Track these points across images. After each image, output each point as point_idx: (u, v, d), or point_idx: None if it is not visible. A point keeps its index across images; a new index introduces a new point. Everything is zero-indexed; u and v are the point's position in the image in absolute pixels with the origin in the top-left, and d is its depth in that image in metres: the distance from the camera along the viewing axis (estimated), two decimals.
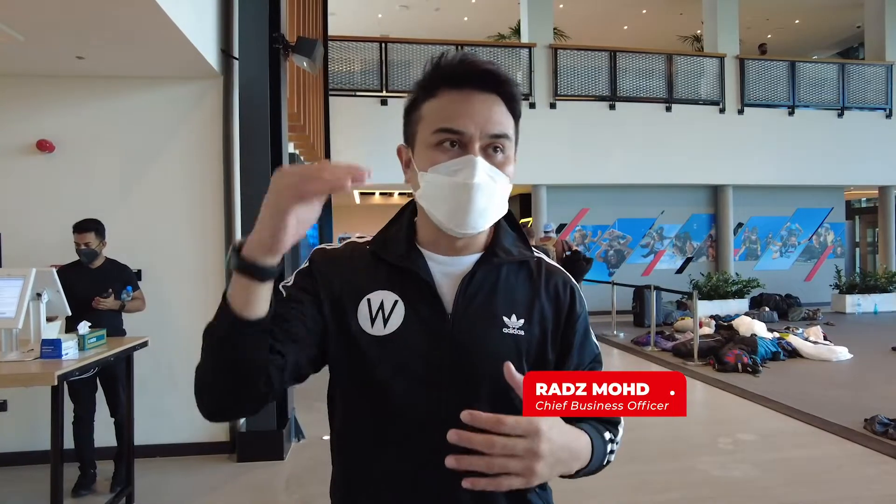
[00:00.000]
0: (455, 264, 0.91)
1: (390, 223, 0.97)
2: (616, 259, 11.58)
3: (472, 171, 0.82)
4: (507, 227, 0.96)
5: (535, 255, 0.97)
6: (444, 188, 0.83)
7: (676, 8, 12.91)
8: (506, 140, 0.86)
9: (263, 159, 3.93)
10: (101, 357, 2.87)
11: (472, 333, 0.87)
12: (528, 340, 0.89)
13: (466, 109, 0.84)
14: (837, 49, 16.05)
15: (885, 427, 4.01)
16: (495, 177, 0.84)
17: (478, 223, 0.85)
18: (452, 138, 0.84)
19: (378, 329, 0.87)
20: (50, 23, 3.08)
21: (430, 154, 0.85)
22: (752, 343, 6.42)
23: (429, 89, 0.87)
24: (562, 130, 10.26)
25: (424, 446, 0.84)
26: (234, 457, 3.94)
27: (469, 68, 0.85)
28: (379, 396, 0.87)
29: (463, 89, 0.85)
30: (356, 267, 0.92)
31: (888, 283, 10.90)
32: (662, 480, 3.58)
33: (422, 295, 0.88)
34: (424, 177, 0.85)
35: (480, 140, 0.84)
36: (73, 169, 3.97)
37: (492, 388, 0.87)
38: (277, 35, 3.95)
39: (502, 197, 0.86)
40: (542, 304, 0.92)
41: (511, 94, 0.87)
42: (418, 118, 0.88)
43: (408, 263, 0.89)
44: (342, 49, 9.70)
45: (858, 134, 11.39)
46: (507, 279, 0.92)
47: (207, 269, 4.05)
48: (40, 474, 2.95)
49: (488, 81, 0.85)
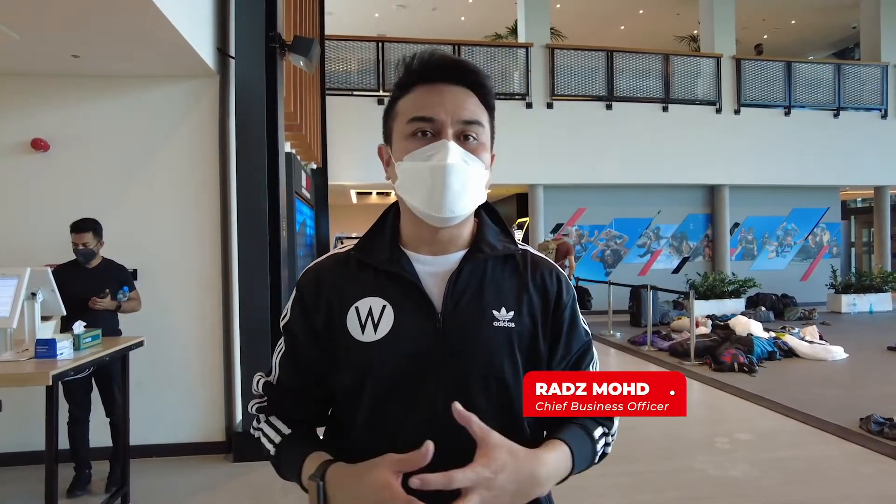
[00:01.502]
0: (441, 263, 0.91)
1: (373, 227, 0.98)
2: (613, 259, 11.60)
3: (445, 153, 0.83)
4: (490, 222, 0.97)
5: (520, 248, 0.97)
6: (419, 173, 0.85)
7: (673, 8, 12.93)
8: (478, 127, 0.88)
9: (260, 158, 3.91)
10: (97, 357, 2.85)
11: (463, 330, 0.88)
12: (519, 332, 0.90)
13: (438, 99, 0.87)
14: (833, 49, 16.11)
15: (880, 426, 4.02)
16: (469, 160, 0.86)
17: (455, 206, 0.85)
18: (425, 127, 0.86)
19: (369, 335, 0.87)
20: (45, 21, 3.06)
21: (404, 144, 0.87)
22: (749, 343, 6.44)
23: (403, 87, 0.90)
24: (559, 130, 10.27)
25: (418, 444, 0.84)
26: (230, 457, 3.93)
27: (439, 62, 0.88)
28: (374, 400, 0.87)
29: (435, 83, 0.88)
30: (341, 278, 0.92)
31: (883, 282, 10.94)
32: (660, 480, 3.58)
33: (410, 297, 0.89)
34: (400, 166, 0.87)
35: (453, 126, 0.86)
36: (68, 168, 3.95)
37: (487, 382, 0.87)
38: (274, 34, 3.94)
39: (478, 181, 0.87)
40: (530, 296, 0.92)
41: (482, 84, 0.90)
42: (394, 115, 0.91)
43: (393, 266, 0.90)
44: (339, 48, 9.69)
45: (854, 134, 11.44)
46: (493, 273, 0.92)
47: (203, 269, 4.04)
48: (35, 475, 2.94)
49: (459, 74, 0.88)
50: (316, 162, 7.97)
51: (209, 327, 4.04)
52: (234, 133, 3.99)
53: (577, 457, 0.86)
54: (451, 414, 0.83)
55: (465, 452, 0.83)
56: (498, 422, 0.86)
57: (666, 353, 7.13)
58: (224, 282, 4.05)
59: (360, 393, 0.88)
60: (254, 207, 3.90)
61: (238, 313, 4.01)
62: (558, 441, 0.86)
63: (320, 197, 8.59)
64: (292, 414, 0.94)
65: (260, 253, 3.91)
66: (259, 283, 3.91)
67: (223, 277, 4.05)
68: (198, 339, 4.04)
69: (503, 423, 0.87)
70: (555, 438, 0.87)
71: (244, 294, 3.94)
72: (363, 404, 0.88)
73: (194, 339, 4.04)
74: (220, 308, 4.04)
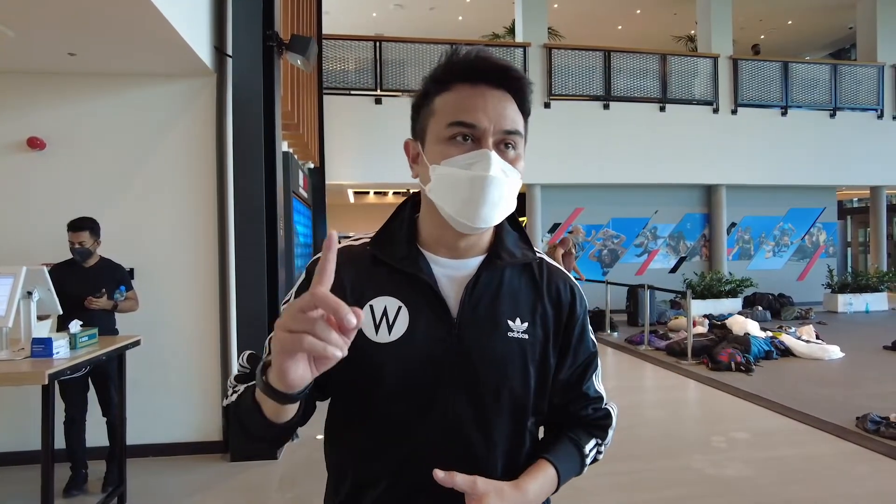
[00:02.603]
0: (458, 268, 0.89)
1: (389, 221, 0.95)
2: (610, 258, 11.61)
3: (488, 164, 0.81)
4: (509, 228, 0.95)
5: (538, 256, 0.96)
6: (458, 181, 0.82)
7: (670, 8, 12.94)
8: (517, 137, 0.85)
9: (257, 158, 3.91)
10: (93, 356, 2.84)
11: (477, 339, 0.86)
12: (532, 343, 0.89)
13: (481, 104, 0.83)
14: (830, 50, 16.14)
15: (876, 425, 4.04)
16: (508, 172, 0.84)
17: (489, 217, 0.83)
18: (466, 132, 0.82)
19: (383, 336, 0.85)
20: (40, 18, 3.05)
21: (442, 148, 0.84)
22: (746, 342, 6.45)
23: (442, 83, 0.86)
24: (556, 130, 10.27)
25: (430, 450, 0.85)
26: (227, 456, 3.93)
27: (485, 64, 0.84)
28: (384, 402, 0.86)
29: (477, 85, 0.84)
30: (355, 273, 0.89)
31: (879, 282, 10.98)
32: (657, 479, 3.59)
33: (426, 300, 0.87)
34: (437, 170, 0.84)
35: (493, 135, 0.83)
36: (64, 167, 3.94)
37: (498, 392, 0.87)
38: (271, 33, 3.93)
39: (512, 193, 0.85)
40: (544, 307, 0.92)
41: (523, 92, 0.87)
42: (430, 112, 0.87)
43: (411, 267, 0.88)
44: (336, 47, 9.67)
45: (850, 134, 11.47)
46: (510, 282, 0.91)
47: (200, 268, 4.03)
48: (31, 474, 2.92)
49: (503, 78, 0.85)
50: (313, 161, 7.95)
51: (206, 326, 4.03)
52: (231, 132, 3.98)
53: (563, 475, 0.91)
54: (463, 418, 0.85)
55: (474, 459, 0.86)
56: (507, 430, 0.89)
57: (663, 352, 7.14)
58: (221, 281, 4.04)
59: (369, 393, 0.86)
60: (251, 207, 3.90)
61: (235, 312, 4.00)
62: (545, 462, 0.90)
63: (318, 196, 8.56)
64: None
65: (257, 252, 3.91)
66: (256, 282, 3.90)
67: (220, 276, 4.04)
68: (195, 339, 4.03)
69: (511, 431, 0.89)
70: (543, 458, 0.91)
71: (241, 293, 3.93)
72: (371, 404, 0.87)
73: (191, 339, 4.03)
74: (216, 307, 4.03)
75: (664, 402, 5.22)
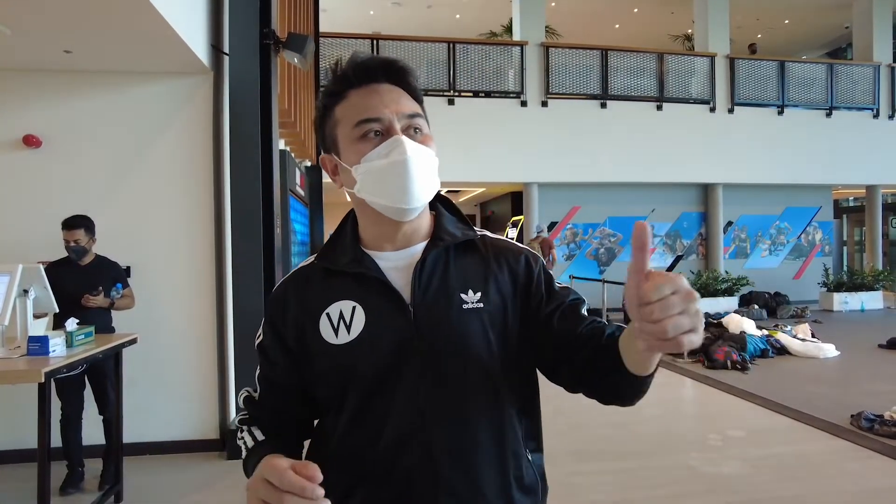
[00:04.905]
0: (404, 257, 0.93)
1: (333, 235, 1.00)
2: (607, 257, 11.63)
3: (403, 147, 0.86)
4: (447, 212, 1.00)
5: (479, 233, 0.99)
6: (381, 171, 0.86)
7: (668, 7, 12.95)
8: (420, 119, 0.91)
9: (254, 156, 3.90)
10: (90, 354, 2.84)
11: (435, 317, 0.89)
12: (490, 312, 0.91)
13: (377, 99, 0.89)
14: (826, 49, 16.19)
15: (871, 423, 4.06)
16: (423, 151, 0.89)
17: (420, 195, 0.88)
18: (375, 127, 0.87)
19: (343, 337, 0.89)
20: (36, 16, 3.04)
21: (357, 147, 0.88)
22: (742, 340, 6.47)
23: (336, 94, 0.92)
24: (553, 128, 10.27)
25: (405, 434, 0.86)
26: (224, 454, 3.92)
27: (369, 65, 0.90)
28: (358, 398, 0.88)
29: (368, 85, 0.90)
30: (309, 290, 0.94)
31: (875, 281, 11.01)
32: (653, 476, 3.60)
33: (378, 293, 0.90)
34: (359, 169, 0.88)
35: (399, 122, 0.88)
36: (60, 164, 3.93)
37: (464, 364, 0.88)
38: (268, 31, 3.92)
39: (433, 170, 0.90)
40: (496, 276, 0.94)
41: (408, 79, 0.92)
42: (334, 123, 0.92)
43: (357, 267, 0.92)
44: (333, 46, 9.65)
45: (846, 133, 11.50)
46: (457, 259, 0.94)
47: (197, 266, 4.02)
48: (28, 473, 2.92)
49: (388, 73, 0.91)
50: (310, 159, 7.95)
51: (203, 324, 4.03)
52: (227, 130, 3.97)
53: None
54: (434, 400, 0.86)
55: (447, 439, 0.86)
56: (477, 402, 0.89)
57: None
58: (218, 279, 4.03)
59: (343, 395, 0.89)
60: (248, 205, 3.89)
61: (232, 310, 4.00)
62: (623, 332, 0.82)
63: (315, 195, 8.55)
64: (271, 428, 0.95)
65: (254, 250, 3.90)
66: (253, 280, 3.90)
67: (217, 274, 4.03)
68: (191, 336, 4.02)
69: (482, 403, 0.89)
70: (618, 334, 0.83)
71: (238, 291, 3.93)
72: (347, 404, 0.89)
73: (188, 336, 4.02)
74: (213, 305, 4.03)
75: (660, 400, 5.23)
